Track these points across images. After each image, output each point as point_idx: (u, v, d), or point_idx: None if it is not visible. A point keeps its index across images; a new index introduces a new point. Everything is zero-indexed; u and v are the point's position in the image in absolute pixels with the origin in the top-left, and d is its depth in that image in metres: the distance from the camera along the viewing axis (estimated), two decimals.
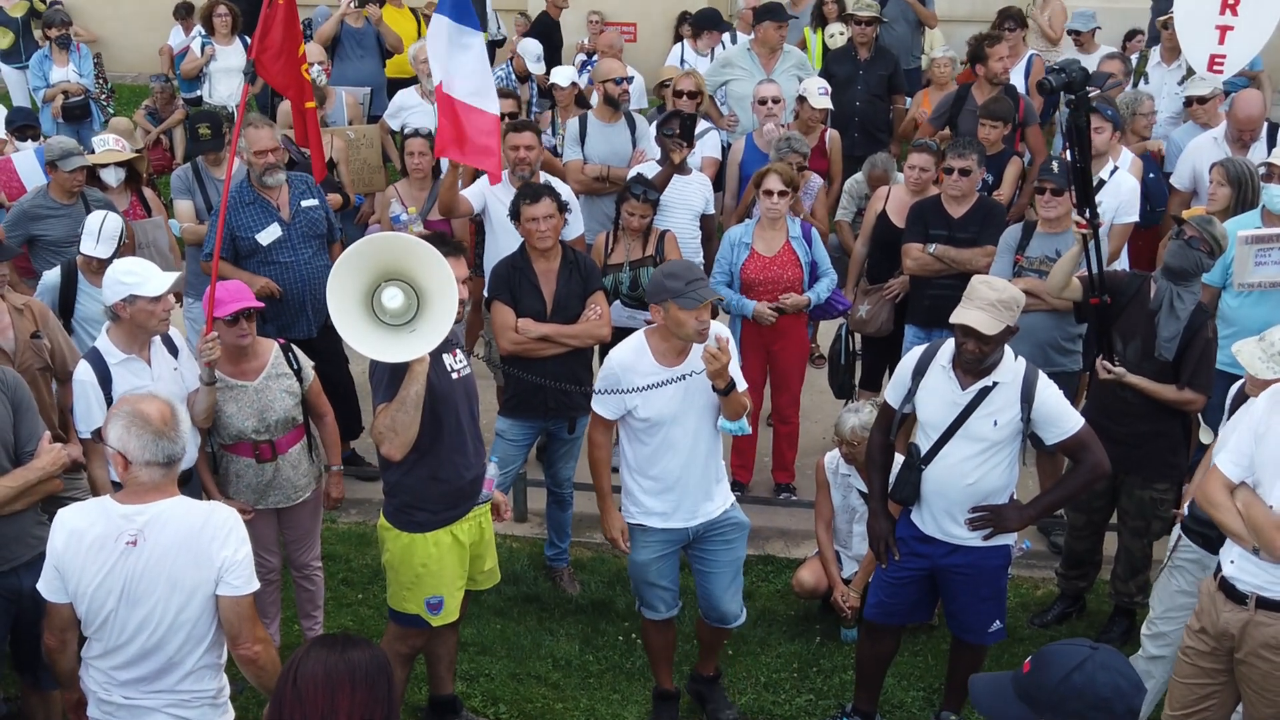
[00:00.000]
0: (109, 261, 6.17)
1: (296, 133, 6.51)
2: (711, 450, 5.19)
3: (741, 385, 5.04)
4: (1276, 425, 4.28)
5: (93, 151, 7.65)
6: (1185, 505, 5.26)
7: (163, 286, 5.08)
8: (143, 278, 5.06)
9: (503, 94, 8.31)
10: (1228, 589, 4.45)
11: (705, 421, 5.09)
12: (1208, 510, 4.52)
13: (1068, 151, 7.52)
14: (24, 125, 9.02)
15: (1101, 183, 7.06)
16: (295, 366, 5.52)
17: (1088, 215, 5.66)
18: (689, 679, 5.77)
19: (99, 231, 6.19)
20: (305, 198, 6.98)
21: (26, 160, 8.13)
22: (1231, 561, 4.44)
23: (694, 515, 5.18)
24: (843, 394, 7.52)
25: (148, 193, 7.76)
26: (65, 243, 6.81)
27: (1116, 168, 7.20)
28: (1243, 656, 4.45)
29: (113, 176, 7.44)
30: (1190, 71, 9.48)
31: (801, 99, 8.21)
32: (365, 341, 4.47)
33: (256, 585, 3.96)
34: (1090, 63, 9.71)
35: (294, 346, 5.64)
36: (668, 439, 5.05)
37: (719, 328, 5.00)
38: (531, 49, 10.42)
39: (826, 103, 8.21)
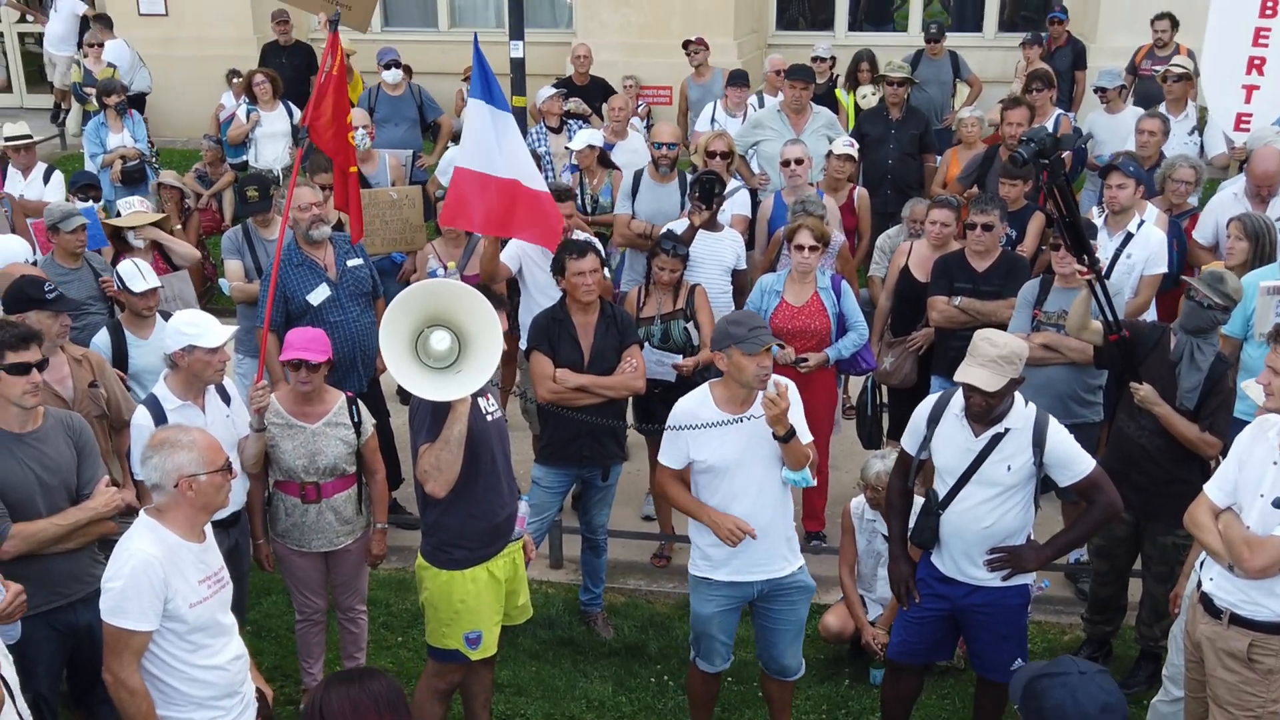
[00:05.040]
0: (157, 294, 6.46)
1: (337, 195, 6.79)
2: (780, 503, 5.26)
3: (806, 436, 5.17)
4: (1257, 452, 4.63)
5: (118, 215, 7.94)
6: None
7: (221, 338, 5.36)
8: (202, 329, 5.33)
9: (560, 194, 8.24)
10: (1206, 602, 4.78)
11: (770, 472, 5.20)
12: (1193, 531, 4.86)
13: (1095, 210, 7.78)
14: (86, 185, 9.35)
15: (1130, 235, 7.24)
16: (356, 420, 5.74)
17: (1086, 261, 5.82)
18: None
19: (139, 271, 6.45)
20: (350, 257, 7.20)
21: (57, 190, 8.56)
22: (1211, 579, 4.78)
23: (760, 570, 5.28)
24: (871, 444, 7.67)
25: (178, 243, 8.01)
26: (79, 305, 6.91)
27: (1143, 221, 7.37)
28: (1211, 671, 4.77)
29: (140, 238, 7.70)
30: (1202, 121, 9.68)
31: (829, 154, 8.47)
32: (416, 381, 4.71)
33: (120, 622, 4.04)
34: (1121, 122, 9.85)
35: (359, 402, 5.87)
36: (732, 488, 5.17)
37: (779, 376, 5.14)
38: (545, 91, 10.72)
39: (850, 151, 8.47)
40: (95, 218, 8.20)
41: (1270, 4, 8.44)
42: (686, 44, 12.70)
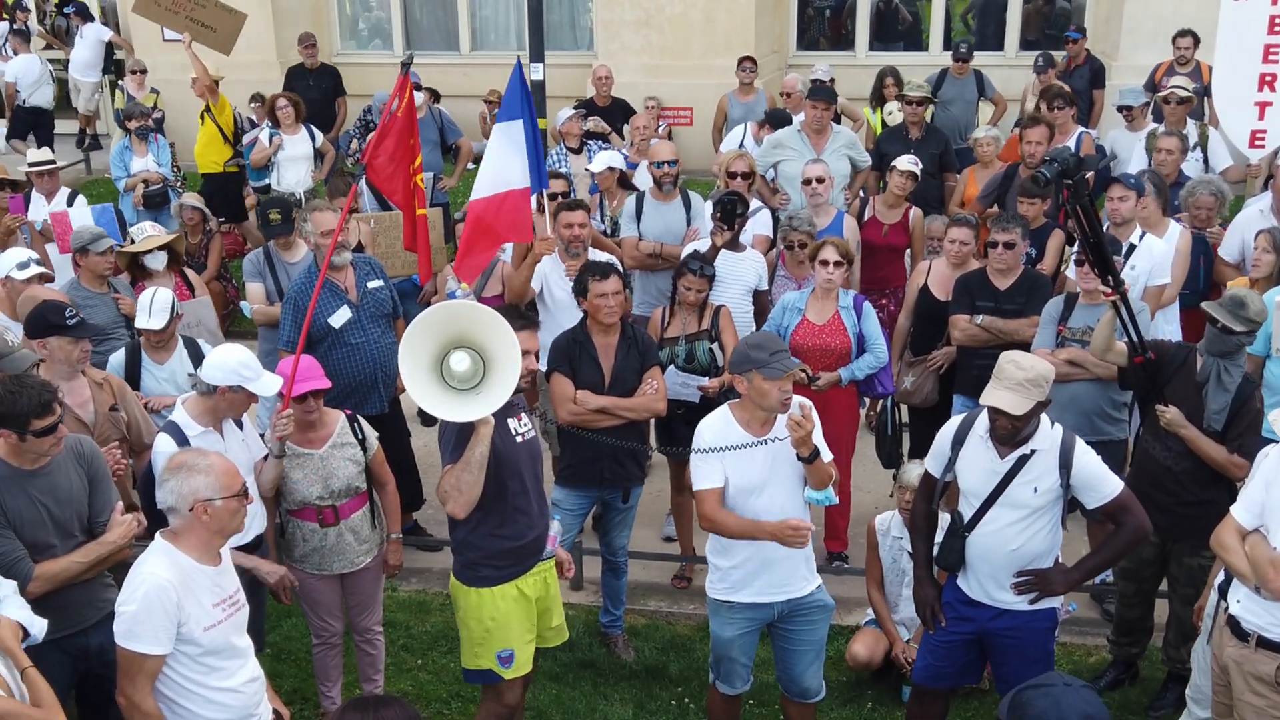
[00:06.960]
0: (164, 333, 6.48)
1: (406, 235, 6.80)
2: None
3: (826, 455, 5.15)
4: None
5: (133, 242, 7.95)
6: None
7: (271, 390, 5.42)
8: (256, 375, 5.38)
9: (552, 174, 8.58)
10: (1233, 625, 4.73)
11: (793, 494, 5.19)
12: (1219, 553, 4.82)
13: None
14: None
15: (1132, 248, 7.23)
16: (360, 436, 5.75)
17: (1111, 282, 5.78)
18: None
19: (150, 306, 6.49)
20: (371, 279, 7.22)
21: (80, 213, 8.83)
22: (1238, 601, 4.72)
23: (780, 591, 5.26)
24: (891, 464, 7.63)
25: (189, 274, 8.00)
26: (103, 330, 6.92)
27: (1145, 233, 7.34)
28: (1239, 695, 4.71)
29: (158, 262, 7.70)
30: (1203, 137, 9.65)
31: (891, 168, 8.55)
32: (434, 401, 4.72)
33: (133, 646, 4.09)
34: (1135, 139, 9.82)
35: (359, 417, 5.87)
36: (755, 510, 5.15)
37: (800, 398, 5.12)
38: (564, 113, 10.77)
39: (914, 169, 8.49)
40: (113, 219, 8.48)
41: (1279, 21, 8.44)
42: (742, 60, 12.81)
